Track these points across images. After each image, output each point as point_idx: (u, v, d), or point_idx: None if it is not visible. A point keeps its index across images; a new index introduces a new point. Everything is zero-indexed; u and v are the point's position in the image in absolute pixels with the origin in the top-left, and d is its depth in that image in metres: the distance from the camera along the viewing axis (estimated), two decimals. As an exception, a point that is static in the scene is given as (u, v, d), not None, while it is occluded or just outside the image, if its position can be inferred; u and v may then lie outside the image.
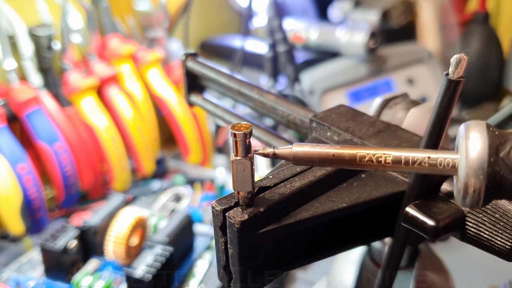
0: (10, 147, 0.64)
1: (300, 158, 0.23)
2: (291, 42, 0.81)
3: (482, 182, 0.20)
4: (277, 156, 0.23)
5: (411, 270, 0.38)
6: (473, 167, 0.20)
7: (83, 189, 0.75)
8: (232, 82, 0.39)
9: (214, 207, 0.24)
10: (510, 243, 0.24)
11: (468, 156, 0.21)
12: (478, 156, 0.20)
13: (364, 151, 0.23)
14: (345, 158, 0.23)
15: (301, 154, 0.23)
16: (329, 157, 0.23)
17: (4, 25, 0.67)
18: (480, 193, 0.21)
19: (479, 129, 0.21)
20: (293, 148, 0.23)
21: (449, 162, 0.21)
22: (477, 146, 0.21)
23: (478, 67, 0.99)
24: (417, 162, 0.22)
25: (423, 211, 0.25)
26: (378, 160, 0.22)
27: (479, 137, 0.21)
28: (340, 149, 0.23)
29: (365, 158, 0.22)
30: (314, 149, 0.23)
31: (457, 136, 0.22)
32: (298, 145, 0.23)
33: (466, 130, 0.21)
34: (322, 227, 0.26)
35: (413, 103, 0.33)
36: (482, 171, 0.20)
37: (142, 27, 0.87)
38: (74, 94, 0.73)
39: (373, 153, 0.22)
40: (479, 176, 0.20)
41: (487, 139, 0.21)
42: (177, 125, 0.83)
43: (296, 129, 0.35)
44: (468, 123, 0.22)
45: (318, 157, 0.23)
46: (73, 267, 0.59)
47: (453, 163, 0.21)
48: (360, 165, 0.23)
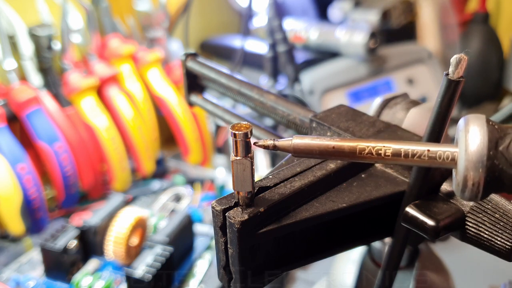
0: (10, 147, 0.64)
1: (300, 150, 0.23)
2: (291, 42, 0.81)
3: (481, 175, 0.21)
4: (277, 148, 0.23)
5: (411, 270, 0.38)
6: (473, 160, 0.20)
7: (83, 189, 0.75)
8: (232, 82, 0.39)
9: (214, 207, 0.24)
10: (510, 243, 0.24)
11: (467, 149, 0.21)
12: (478, 150, 0.20)
13: (364, 144, 0.23)
14: (345, 151, 0.23)
15: (301, 146, 0.23)
16: (329, 149, 0.23)
17: (4, 25, 0.67)
18: (479, 186, 0.21)
19: (478, 122, 0.21)
20: (293, 140, 0.23)
21: (449, 155, 0.21)
22: (477, 139, 0.21)
23: (478, 67, 0.99)
24: (416, 155, 0.22)
25: (423, 211, 0.25)
26: (378, 153, 0.22)
27: (478, 130, 0.21)
28: (340, 142, 0.23)
29: (365, 150, 0.22)
30: (314, 141, 0.23)
31: (457, 129, 0.22)
32: (299, 137, 0.23)
33: (465, 124, 0.21)
34: (322, 227, 0.26)
35: (413, 103, 0.33)
36: (481, 164, 0.20)
37: (142, 27, 0.87)
38: (74, 94, 0.73)
39: (373, 145, 0.22)
40: (478, 169, 0.20)
41: (486, 133, 0.21)
42: (177, 125, 0.83)
43: (296, 129, 0.35)
44: (467, 116, 0.22)
45: (318, 149, 0.23)
46: (73, 267, 0.59)
47: (452, 156, 0.21)
48: (360, 158, 0.23)
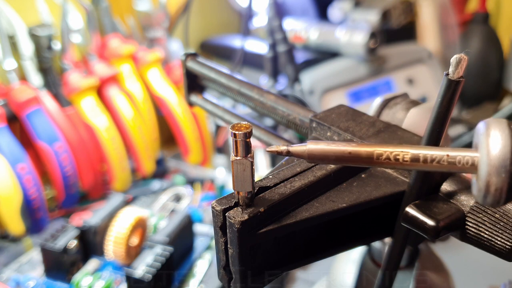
0: (10, 147, 0.64)
1: (315, 156, 0.23)
2: (291, 42, 0.81)
3: (504, 181, 0.20)
4: (291, 154, 0.23)
5: (411, 270, 0.38)
6: (495, 165, 0.20)
7: (83, 189, 0.75)
8: (232, 82, 0.39)
9: (214, 207, 0.24)
10: (510, 243, 0.24)
11: (489, 154, 0.20)
12: (500, 154, 0.20)
13: (381, 149, 0.22)
14: (361, 156, 0.22)
15: (316, 152, 0.22)
16: (345, 155, 0.22)
17: (4, 25, 0.67)
18: (502, 192, 0.20)
19: (500, 127, 0.21)
20: (307, 146, 0.23)
21: (469, 160, 0.21)
22: (499, 144, 0.20)
23: (478, 67, 0.99)
24: (435, 160, 0.21)
25: (423, 211, 0.25)
26: (395, 158, 0.22)
27: (500, 135, 0.20)
28: (357, 147, 0.22)
29: (383, 156, 0.22)
30: (329, 147, 0.22)
31: (476, 134, 0.22)
32: (313, 143, 0.23)
33: (486, 128, 0.21)
34: (322, 227, 0.26)
35: (413, 103, 0.33)
36: (504, 169, 0.20)
37: (142, 27, 0.87)
38: (74, 94, 0.73)
39: (391, 150, 0.22)
40: (501, 174, 0.20)
41: (509, 137, 0.20)
42: (177, 125, 0.83)
43: (296, 129, 0.35)
44: (488, 120, 0.21)
45: (334, 155, 0.22)
46: (73, 267, 0.59)
47: (472, 161, 0.21)
48: (377, 163, 0.22)
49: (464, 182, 0.26)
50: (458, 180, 0.26)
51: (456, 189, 0.26)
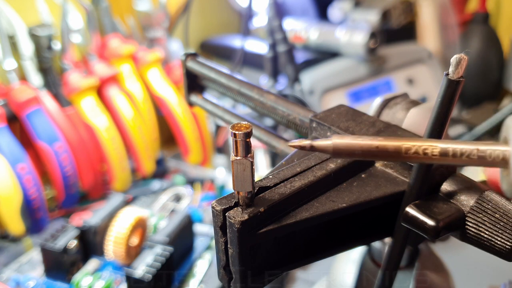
0: (10, 147, 0.64)
1: (341, 151, 0.22)
2: (291, 42, 0.81)
3: None
4: (314, 148, 0.22)
5: (411, 270, 0.38)
6: None
7: (83, 189, 0.75)
8: (232, 82, 0.39)
9: (214, 207, 0.24)
10: (510, 243, 0.24)
11: None
12: None
13: (409, 143, 0.21)
14: (389, 151, 0.21)
15: (342, 147, 0.22)
16: (372, 150, 0.22)
17: (4, 25, 0.67)
18: None
19: None
20: (333, 141, 0.22)
21: (499, 154, 0.20)
22: None
23: (478, 67, 0.99)
24: (465, 154, 0.21)
25: (423, 211, 0.25)
26: (424, 152, 0.21)
27: None
28: (384, 141, 0.22)
29: (411, 150, 0.21)
30: (356, 141, 0.22)
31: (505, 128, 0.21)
32: (338, 137, 0.22)
33: None
34: (322, 227, 0.26)
35: (413, 103, 0.33)
36: None
37: (142, 27, 0.87)
38: (74, 94, 0.73)
39: (419, 144, 0.21)
40: None
41: None
42: (177, 125, 0.83)
43: (296, 129, 0.35)
44: None
45: (361, 149, 0.22)
46: (73, 267, 0.59)
47: (503, 155, 0.20)
48: (405, 158, 0.21)
49: (464, 182, 0.26)
50: (458, 180, 0.26)
51: (456, 189, 0.26)
